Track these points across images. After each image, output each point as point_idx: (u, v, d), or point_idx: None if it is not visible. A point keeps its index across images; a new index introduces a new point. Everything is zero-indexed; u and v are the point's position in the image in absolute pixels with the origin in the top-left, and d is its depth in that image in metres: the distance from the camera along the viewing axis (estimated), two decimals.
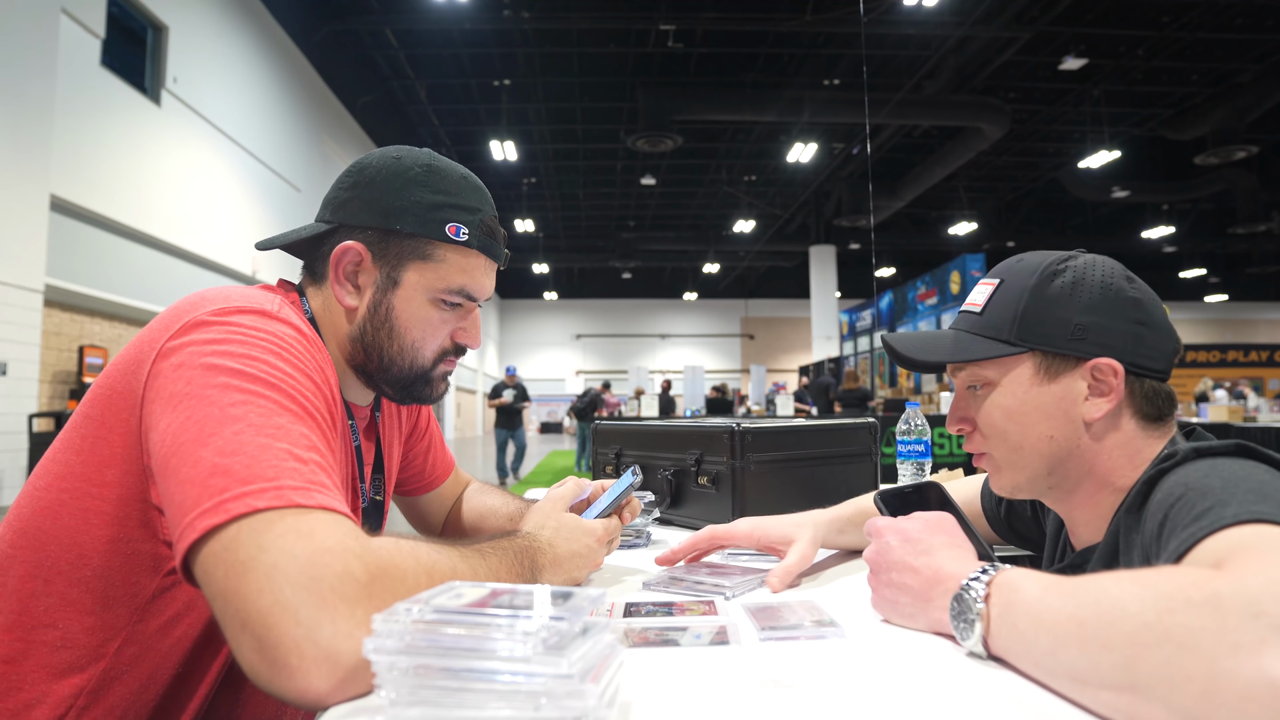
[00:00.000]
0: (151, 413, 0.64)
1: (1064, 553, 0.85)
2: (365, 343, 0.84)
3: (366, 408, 0.93)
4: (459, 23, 10.45)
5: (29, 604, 0.68)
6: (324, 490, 0.59)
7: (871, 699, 0.51)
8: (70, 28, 6.92)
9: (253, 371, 0.64)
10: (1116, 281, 0.74)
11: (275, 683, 0.51)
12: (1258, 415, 8.41)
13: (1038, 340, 0.74)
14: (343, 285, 0.83)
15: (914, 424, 1.38)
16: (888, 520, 0.71)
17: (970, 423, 0.80)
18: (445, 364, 0.88)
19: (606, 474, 1.55)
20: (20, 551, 0.69)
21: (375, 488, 0.96)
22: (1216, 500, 0.55)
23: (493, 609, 0.45)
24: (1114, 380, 0.72)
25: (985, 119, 12.02)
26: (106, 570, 0.68)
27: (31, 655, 0.67)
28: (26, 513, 0.70)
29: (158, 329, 0.69)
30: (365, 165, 0.84)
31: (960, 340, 0.79)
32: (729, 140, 15.21)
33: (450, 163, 0.86)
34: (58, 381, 7.26)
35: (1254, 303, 26.15)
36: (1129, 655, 0.44)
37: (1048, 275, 0.75)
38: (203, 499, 0.55)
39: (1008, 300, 0.76)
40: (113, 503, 0.68)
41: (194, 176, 9.00)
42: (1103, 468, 0.75)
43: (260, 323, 0.70)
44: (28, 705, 0.67)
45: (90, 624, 0.68)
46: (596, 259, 22.80)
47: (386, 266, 0.82)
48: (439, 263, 0.82)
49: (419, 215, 0.81)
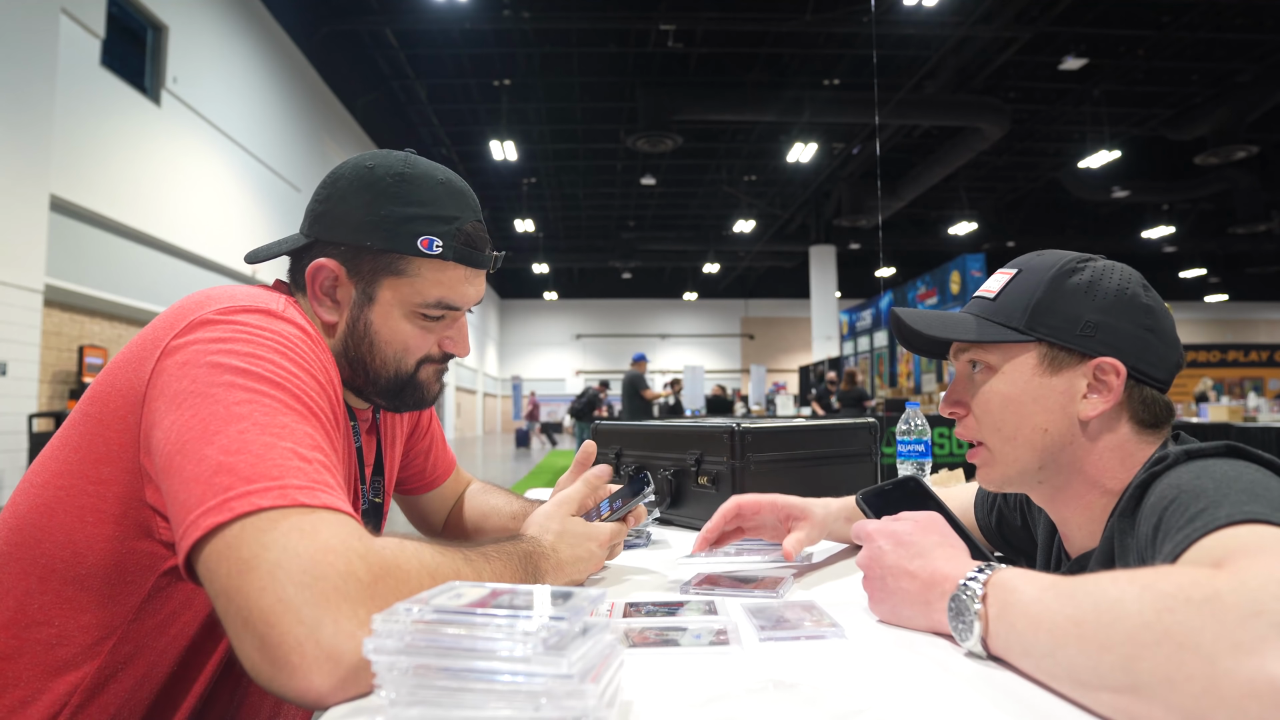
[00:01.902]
0: (155, 410, 0.64)
1: (1059, 559, 0.84)
2: (349, 358, 0.83)
3: (368, 409, 0.93)
4: (459, 23, 10.44)
5: (25, 601, 0.68)
6: (328, 489, 0.59)
7: (872, 699, 0.51)
8: (70, 28, 6.92)
9: (257, 370, 0.64)
10: (1132, 287, 0.75)
11: (276, 681, 0.51)
12: (1258, 415, 8.40)
13: (1046, 331, 0.74)
14: (321, 301, 0.82)
15: (914, 424, 1.38)
16: (877, 524, 0.71)
17: (965, 407, 0.80)
18: (430, 367, 0.87)
19: None
20: (16, 549, 0.69)
21: (375, 489, 0.95)
22: (1210, 502, 0.55)
23: (493, 609, 0.45)
24: (1115, 381, 0.72)
25: (985, 119, 12.02)
26: (103, 568, 0.68)
27: (27, 652, 0.67)
28: (23, 510, 0.70)
29: (162, 327, 0.69)
30: (338, 176, 0.82)
31: (970, 322, 0.79)
32: (729, 140, 15.20)
33: (428, 167, 0.83)
34: (57, 382, 7.26)
35: (1254, 303, 26.15)
36: (1128, 654, 0.44)
37: (1066, 270, 0.75)
38: (207, 497, 0.55)
39: (1023, 289, 0.76)
40: (110, 500, 0.68)
41: (194, 176, 8.99)
42: (1093, 468, 0.75)
43: (265, 322, 0.70)
44: (23, 702, 0.67)
45: (86, 621, 0.68)
46: (596, 259, 22.80)
47: (362, 283, 0.81)
48: (413, 277, 0.81)
49: (389, 230, 0.79)
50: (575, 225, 21.69)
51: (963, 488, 1.10)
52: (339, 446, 0.72)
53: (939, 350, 0.84)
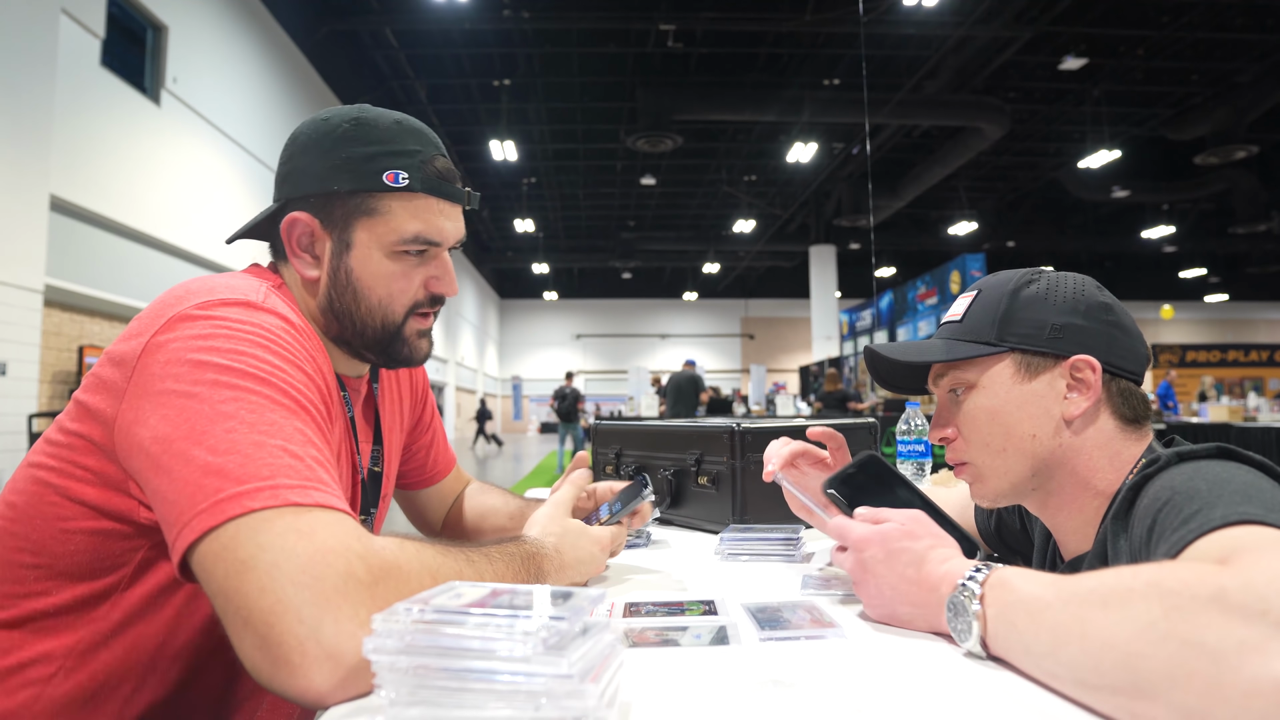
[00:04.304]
0: (138, 408, 0.63)
1: (1054, 563, 0.85)
2: (335, 310, 0.83)
3: (361, 379, 0.92)
4: (459, 23, 10.44)
5: (21, 574, 0.69)
6: (321, 487, 0.59)
7: (872, 699, 0.51)
8: (70, 27, 6.92)
9: (241, 367, 0.63)
10: (1088, 288, 0.78)
11: (277, 680, 0.51)
12: (1258, 415, 8.40)
13: (1017, 339, 0.76)
14: (300, 258, 0.82)
15: (914, 424, 1.38)
16: (862, 529, 0.69)
17: (955, 429, 0.82)
18: (419, 319, 0.86)
19: (606, 474, 1.55)
20: (13, 525, 0.70)
21: (374, 458, 0.95)
22: (1204, 503, 0.55)
23: (492, 609, 0.45)
24: (1092, 376, 0.74)
25: (985, 119, 12.01)
26: (91, 544, 0.69)
27: (22, 621, 0.69)
28: (21, 486, 0.71)
29: (145, 322, 0.68)
30: (297, 135, 0.83)
31: (940, 345, 0.81)
32: (729, 140, 15.20)
33: (382, 111, 0.83)
34: (57, 381, 7.25)
35: (1254, 302, 26.13)
36: (1131, 652, 0.44)
37: (1023, 282, 0.79)
38: (198, 500, 0.55)
39: (986, 306, 0.79)
40: (93, 485, 0.68)
41: (194, 176, 9.00)
42: (1084, 468, 0.76)
43: (246, 315, 0.69)
44: (20, 666, 0.68)
45: (80, 592, 0.69)
46: (596, 259, 22.78)
47: (336, 230, 0.81)
48: (385, 215, 0.80)
49: (353, 170, 0.78)
50: (575, 225, 21.67)
51: (962, 488, 1.09)
52: (332, 438, 0.72)
53: (917, 382, 0.87)
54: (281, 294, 0.80)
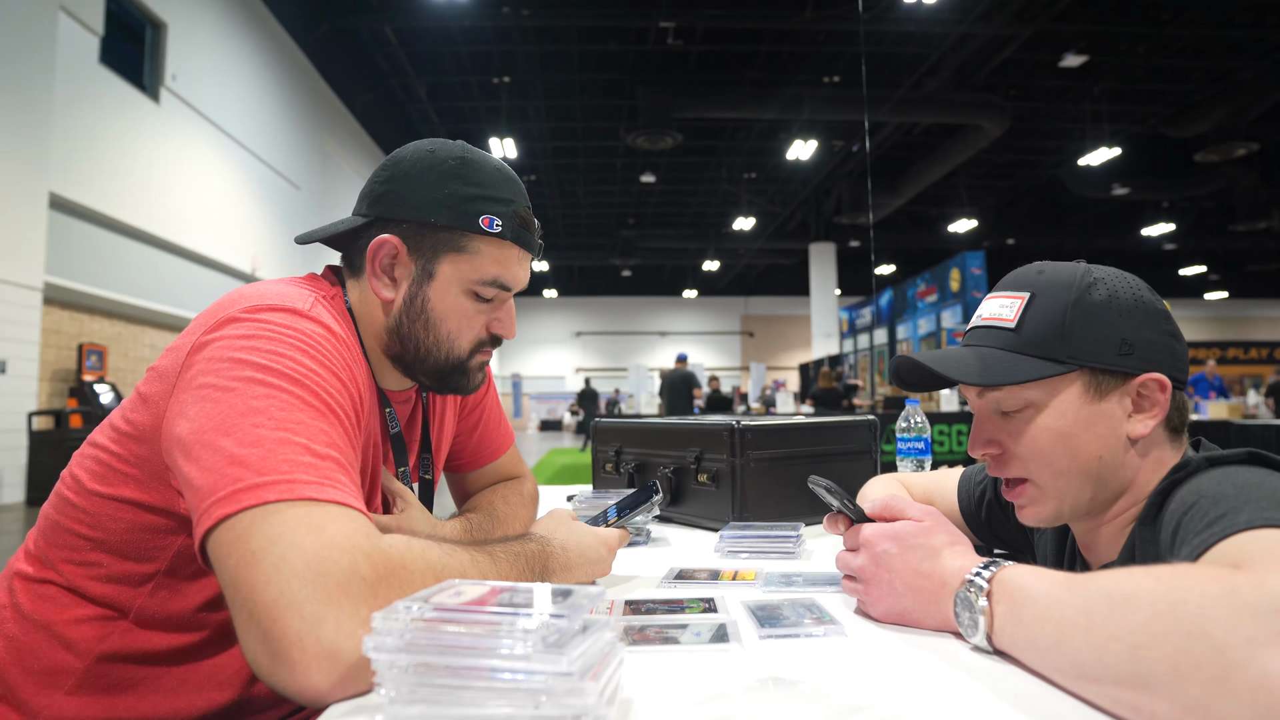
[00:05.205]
0: (181, 401, 0.66)
1: (1070, 565, 0.83)
2: (401, 334, 0.86)
3: (408, 391, 0.95)
4: (458, 20, 10.42)
5: (77, 543, 0.75)
6: (338, 486, 0.60)
7: (872, 696, 0.51)
8: (69, 25, 6.91)
9: (277, 367, 0.66)
10: (1144, 293, 0.72)
11: (276, 676, 0.51)
12: (1257, 413, 8.40)
13: (1088, 358, 0.70)
14: (379, 278, 0.85)
15: (914, 421, 1.37)
16: (876, 527, 0.69)
17: (999, 445, 0.76)
18: (481, 354, 0.90)
19: (605, 471, 1.55)
20: (76, 497, 0.75)
21: (423, 466, 0.98)
22: (1230, 507, 0.54)
23: (493, 607, 0.45)
24: (1161, 396, 0.71)
25: (985, 116, 12.00)
26: (137, 529, 0.74)
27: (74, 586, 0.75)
28: (87, 464, 0.76)
29: (199, 323, 0.73)
30: (400, 159, 0.86)
31: (997, 359, 0.73)
32: (729, 138, 15.18)
33: (484, 154, 0.88)
34: (57, 380, 7.25)
35: (1254, 300, 26.13)
36: (1135, 644, 0.44)
37: (1084, 288, 0.71)
38: (219, 487, 0.57)
39: (1047, 315, 0.72)
40: (143, 470, 0.72)
41: (193, 174, 8.99)
42: (1139, 482, 0.73)
43: (290, 320, 0.72)
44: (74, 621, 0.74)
45: (129, 569, 0.75)
46: (596, 256, 22.77)
47: (422, 259, 0.84)
48: (473, 254, 0.84)
49: (454, 208, 0.82)
50: (575, 223, 21.66)
51: (941, 474, 1.07)
52: (359, 445, 0.74)
53: (941, 384, 0.78)
54: (330, 305, 0.81)
